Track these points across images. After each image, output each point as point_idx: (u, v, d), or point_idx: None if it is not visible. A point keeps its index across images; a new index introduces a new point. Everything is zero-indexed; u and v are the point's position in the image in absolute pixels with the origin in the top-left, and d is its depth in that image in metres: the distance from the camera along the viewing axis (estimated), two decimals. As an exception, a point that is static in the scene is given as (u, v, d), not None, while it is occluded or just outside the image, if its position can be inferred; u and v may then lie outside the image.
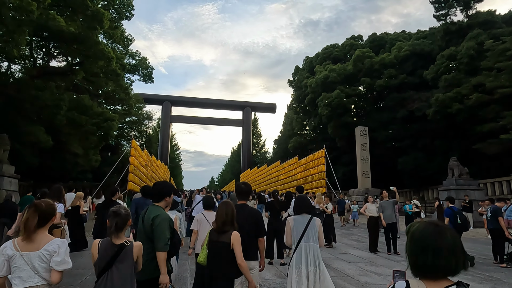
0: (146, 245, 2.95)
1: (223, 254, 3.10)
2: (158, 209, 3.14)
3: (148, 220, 3.02)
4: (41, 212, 2.44)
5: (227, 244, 3.09)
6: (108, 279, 2.53)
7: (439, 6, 27.31)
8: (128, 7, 18.95)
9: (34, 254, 2.34)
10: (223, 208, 3.25)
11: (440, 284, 1.37)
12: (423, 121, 25.87)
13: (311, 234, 3.77)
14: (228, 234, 3.14)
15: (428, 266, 1.38)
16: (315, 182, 25.55)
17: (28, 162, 17.58)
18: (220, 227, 3.19)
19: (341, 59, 36.32)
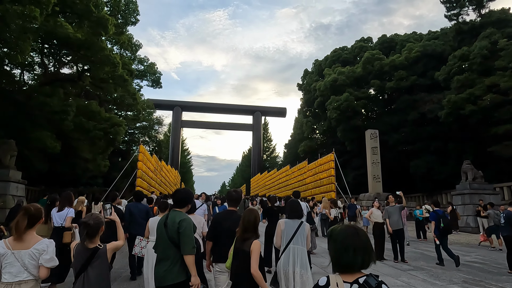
0: (168, 250, 3.05)
1: (245, 262, 3.11)
2: (182, 214, 3.22)
3: (174, 224, 3.08)
4: (30, 215, 2.73)
5: (247, 252, 3.10)
6: (85, 280, 2.73)
7: (451, 5, 26.71)
8: (133, 13, 19.12)
9: (24, 252, 2.63)
10: (245, 216, 3.30)
11: (355, 276, 1.67)
12: (435, 124, 25.22)
13: (300, 238, 3.97)
14: (249, 242, 3.15)
15: (349, 262, 1.66)
16: (324, 187, 25.15)
17: (37, 167, 17.82)
18: (242, 235, 3.23)
19: (350, 61, 35.87)
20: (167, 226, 3.13)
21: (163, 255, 3.12)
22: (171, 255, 3.06)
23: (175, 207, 3.31)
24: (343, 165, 28.03)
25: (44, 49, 19.97)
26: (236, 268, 3.16)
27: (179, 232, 3.05)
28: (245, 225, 3.24)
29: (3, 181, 12.43)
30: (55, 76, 21.12)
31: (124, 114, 31.04)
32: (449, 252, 8.20)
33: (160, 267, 3.09)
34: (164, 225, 3.16)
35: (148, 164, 24.79)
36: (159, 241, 3.22)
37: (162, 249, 3.15)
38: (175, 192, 3.53)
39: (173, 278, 3.02)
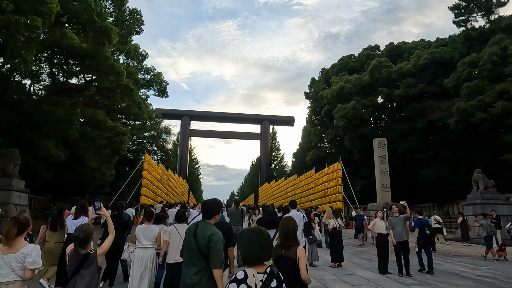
0: (196, 260, 3.06)
1: (289, 269, 3.17)
2: (212, 227, 3.23)
3: (204, 237, 3.09)
4: (20, 224, 3.09)
5: (293, 259, 3.22)
6: (77, 281, 3.15)
7: (459, 12, 26.40)
8: (137, 22, 19.33)
9: (11, 256, 2.96)
10: (285, 224, 3.41)
11: (262, 267, 2.18)
12: (444, 132, 24.67)
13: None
14: (293, 249, 3.28)
15: (255, 256, 2.20)
16: (331, 196, 24.76)
17: (42, 176, 17.94)
18: (283, 242, 3.35)
19: (357, 69, 35.63)
20: (197, 237, 3.14)
21: (191, 264, 3.13)
22: (200, 265, 3.08)
23: (203, 218, 3.35)
24: (351, 174, 27.58)
25: (53, 60, 20.33)
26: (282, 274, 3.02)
27: (209, 246, 3.06)
28: (285, 233, 3.35)
29: (6, 190, 12.47)
30: (63, 86, 21.44)
31: (132, 123, 31.29)
32: (430, 260, 8.62)
33: (188, 277, 3.09)
34: (194, 236, 3.16)
35: (153, 173, 24.79)
36: (187, 249, 3.23)
37: (190, 259, 3.16)
38: (204, 203, 3.62)
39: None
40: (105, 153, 19.00)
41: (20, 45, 10.60)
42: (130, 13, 19.10)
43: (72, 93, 20.61)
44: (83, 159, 21.01)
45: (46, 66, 21.82)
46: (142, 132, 32.66)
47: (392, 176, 24.54)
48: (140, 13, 19.49)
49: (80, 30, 15.14)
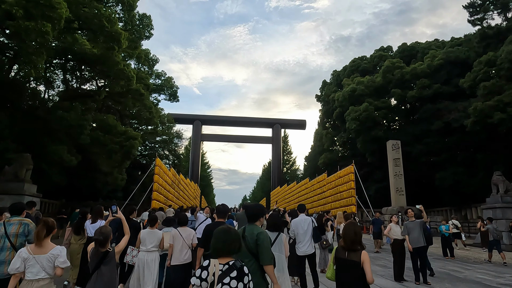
0: (248, 261, 3.27)
1: (352, 272, 3.33)
2: (258, 228, 3.52)
3: (253, 236, 3.36)
4: (48, 226, 3.55)
5: (357, 262, 3.31)
6: (98, 275, 3.55)
7: (474, 10, 25.71)
8: (147, 27, 19.46)
9: (42, 257, 3.41)
10: (351, 228, 3.52)
11: (225, 259, 2.50)
12: (461, 133, 23.95)
13: (277, 246, 4.76)
14: (358, 253, 3.37)
15: (219, 249, 2.54)
16: (344, 200, 24.26)
17: (55, 181, 18.11)
18: (349, 246, 3.43)
19: (369, 71, 35.08)
20: (246, 238, 3.38)
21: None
22: (250, 265, 3.23)
23: (249, 222, 3.61)
24: (364, 178, 27.03)
25: (67, 66, 20.63)
26: (345, 277, 3.42)
27: (258, 244, 3.31)
28: (352, 237, 3.44)
29: (18, 195, 12.57)
30: (76, 92, 21.71)
31: (144, 128, 31.52)
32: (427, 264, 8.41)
33: None
34: (242, 237, 3.37)
35: (165, 177, 24.78)
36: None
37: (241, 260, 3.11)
38: (247, 208, 3.85)
39: (258, 285, 3.23)
40: (116, 157, 19.09)
41: (31, 50, 10.70)
42: (140, 18, 19.23)
43: (85, 98, 20.86)
44: (96, 164, 21.18)
45: (60, 72, 22.19)
46: (154, 137, 32.84)
47: (406, 180, 23.94)
48: (149, 18, 19.62)
49: (91, 35, 15.27)
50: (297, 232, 6.56)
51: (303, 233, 6.51)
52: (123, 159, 19.80)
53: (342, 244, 3.53)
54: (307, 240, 6.49)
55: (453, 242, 14.35)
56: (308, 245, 6.48)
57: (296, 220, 6.75)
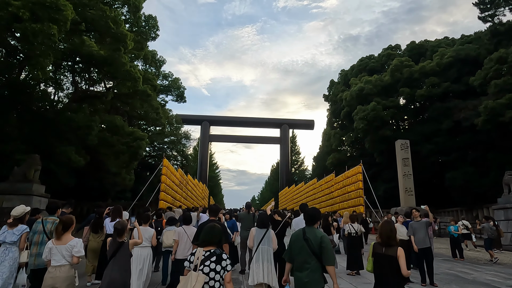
0: (310, 260, 3.63)
1: (390, 265, 3.70)
2: (319, 231, 3.84)
3: (316, 239, 3.66)
4: (64, 223, 4.30)
5: (393, 257, 3.68)
6: (114, 262, 4.30)
7: (485, 7, 25.22)
8: (153, 28, 19.59)
9: (62, 247, 4.15)
10: (387, 226, 3.92)
11: (208, 248, 3.24)
12: (471, 132, 23.50)
13: (266, 241, 5.57)
14: (394, 248, 3.73)
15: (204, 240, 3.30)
16: (352, 200, 24.02)
17: (64, 182, 18.34)
18: (386, 241, 3.81)
19: (377, 70, 34.70)
20: (308, 240, 3.68)
21: (304, 264, 3.65)
22: (312, 264, 3.60)
23: (307, 224, 3.90)
24: (373, 178, 26.73)
25: (75, 68, 20.91)
26: (383, 270, 3.78)
27: (322, 247, 3.60)
28: (388, 234, 3.82)
29: (27, 195, 12.75)
30: (84, 94, 21.99)
31: (152, 129, 31.75)
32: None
33: (303, 274, 3.63)
34: (305, 239, 3.71)
35: (172, 178, 24.89)
36: (299, 252, 3.75)
37: (303, 259, 3.67)
38: (305, 211, 4.18)
39: (316, 284, 3.58)
40: (124, 158, 19.26)
41: (38, 52, 10.86)
42: (146, 19, 19.39)
43: (93, 100, 21.11)
44: (104, 165, 21.40)
45: (69, 74, 22.51)
46: (162, 138, 33.05)
47: (416, 179, 23.58)
48: (155, 19, 19.76)
49: (98, 37, 15.44)
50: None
51: None
52: (131, 159, 19.96)
53: (379, 241, 3.94)
54: None
55: (463, 243, 14.08)
56: None
57: (297, 219, 6.71)
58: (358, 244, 9.05)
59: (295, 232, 3.96)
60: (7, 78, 15.91)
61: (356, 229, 8.86)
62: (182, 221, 6.33)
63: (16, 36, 13.06)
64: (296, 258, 3.77)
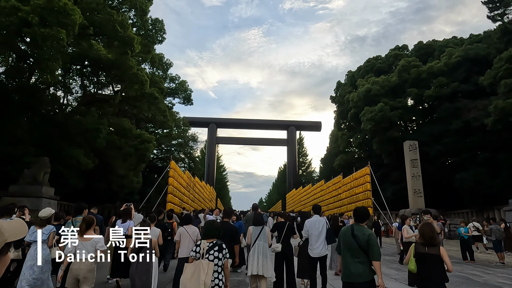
0: (359, 255, 3.92)
1: (433, 264, 4.08)
2: (366, 229, 4.08)
3: (364, 236, 3.92)
4: (86, 222, 4.92)
5: (437, 255, 4.09)
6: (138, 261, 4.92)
7: (494, 6, 24.89)
8: (160, 31, 19.78)
9: (87, 243, 4.74)
10: (429, 227, 4.35)
11: (211, 240, 3.98)
12: (481, 132, 23.16)
13: (262, 237, 6.11)
14: (437, 247, 4.13)
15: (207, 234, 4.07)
16: (360, 202, 23.83)
17: (72, 184, 18.55)
18: (428, 242, 4.20)
19: (384, 71, 34.43)
20: (356, 237, 3.95)
21: (355, 258, 3.93)
22: (361, 259, 3.88)
23: (356, 222, 4.19)
24: (381, 179, 26.48)
25: (84, 72, 21.20)
26: (423, 269, 4.14)
27: (369, 244, 3.88)
28: (430, 235, 4.21)
29: (36, 197, 12.95)
30: (93, 97, 22.25)
31: (160, 131, 31.96)
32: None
33: (354, 267, 3.91)
34: (353, 236, 3.98)
35: (179, 180, 24.99)
36: (347, 247, 4.06)
37: (353, 254, 3.96)
38: (356, 210, 4.44)
39: (365, 277, 3.85)
40: (131, 160, 19.42)
41: (47, 56, 11.03)
42: (152, 22, 19.56)
43: (101, 103, 21.36)
44: (112, 167, 21.60)
45: (78, 78, 22.82)
46: (169, 140, 33.25)
47: (425, 181, 23.33)
48: (162, 23, 19.93)
49: (105, 41, 15.62)
50: (311, 233, 6.47)
51: (317, 234, 6.44)
52: (138, 162, 20.11)
53: (421, 241, 4.29)
54: (321, 242, 6.43)
55: (474, 245, 13.85)
56: (322, 246, 6.42)
57: (310, 220, 6.65)
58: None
59: (344, 229, 4.28)
60: (17, 82, 16.19)
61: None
62: (182, 222, 6.67)
63: (25, 41, 13.32)
64: (345, 252, 4.09)
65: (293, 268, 6.55)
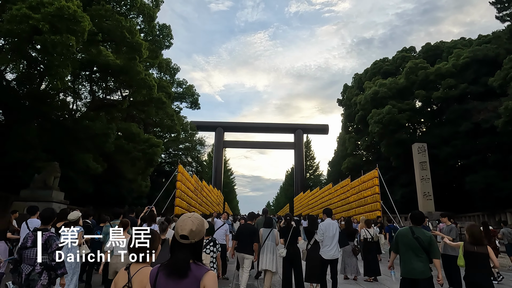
0: (421, 254, 4.37)
1: (481, 261, 4.63)
2: (425, 231, 4.58)
3: (426, 237, 4.40)
4: (123, 224, 5.87)
5: (485, 254, 4.62)
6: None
7: (502, 6, 24.65)
8: (167, 37, 20.03)
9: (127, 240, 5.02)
10: (477, 229, 4.96)
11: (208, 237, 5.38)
12: (492, 134, 22.84)
13: (271, 237, 6.78)
14: (485, 246, 4.69)
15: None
16: (369, 205, 23.63)
17: (82, 188, 18.76)
18: (477, 241, 4.74)
19: (392, 73, 34.25)
20: (418, 238, 4.40)
21: (416, 257, 4.37)
22: (423, 257, 4.36)
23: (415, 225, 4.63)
24: (390, 182, 26.25)
25: (93, 77, 21.50)
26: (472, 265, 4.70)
27: (431, 244, 4.38)
28: (479, 235, 4.81)
29: (47, 202, 13.08)
30: (102, 102, 22.55)
31: (167, 136, 32.19)
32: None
33: (416, 264, 4.34)
34: (415, 237, 4.41)
35: (187, 184, 25.09)
36: (410, 247, 4.45)
37: (414, 253, 4.39)
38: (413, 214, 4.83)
39: (427, 274, 4.33)
40: (140, 164, 19.59)
41: (57, 63, 11.22)
42: (160, 28, 19.81)
43: (110, 108, 21.62)
44: (121, 171, 21.81)
45: (87, 84, 23.16)
46: (177, 144, 33.47)
47: (434, 183, 23.05)
48: (169, 28, 20.16)
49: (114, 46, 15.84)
50: (326, 235, 6.60)
51: (331, 236, 6.61)
52: (147, 166, 20.27)
53: (470, 240, 4.82)
54: (334, 244, 6.59)
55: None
56: (335, 249, 6.58)
57: (324, 223, 6.80)
58: (375, 249, 8.88)
59: (402, 231, 4.67)
60: (28, 88, 16.48)
61: (372, 234, 8.71)
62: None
63: (36, 48, 13.58)
64: (405, 252, 4.50)
65: (301, 270, 6.57)
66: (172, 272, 1.97)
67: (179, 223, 2.20)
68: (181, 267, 1.96)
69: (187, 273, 1.95)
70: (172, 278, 1.96)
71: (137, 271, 2.62)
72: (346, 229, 8.93)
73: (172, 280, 1.95)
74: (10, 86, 16.23)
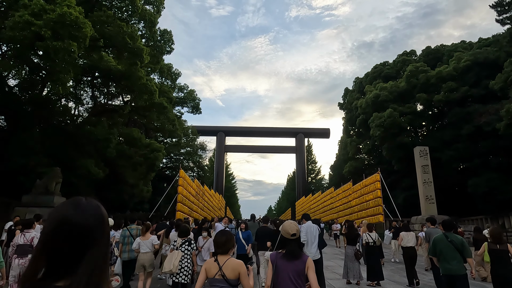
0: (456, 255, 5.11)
1: (504, 256, 5.55)
2: (455, 235, 5.34)
3: (458, 240, 5.18)
4: (146, 226, 6.95)
5: (506, 251, 5.58)
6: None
7: (502, 9, 24.66)
8: (168, 42, 20.15)
9: (147, 241, 6.75)
10: (498, 229, 6.07)
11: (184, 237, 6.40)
12: (494, 137, 22.76)
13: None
14: (505, 244, 5.64)
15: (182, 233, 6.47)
16: (371, 209, 23.57)
17: (83, 193, 18.78)
18: (498, 240, 5.70)
19: (392, 76, 34.28)
20: (453, 242, 5.16)
21: (453, 258, 5.10)
22: (458, 258, 5.08)
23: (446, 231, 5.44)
24: (391, 186, 26.16)
25: (94, 83, 21.62)
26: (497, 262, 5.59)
27: (463, 246, 5.13)
28: (500, 236, 5.79)
29: (48, 207, 13.09)
30: (103, 108, 22.65)
31: (169, 140, 32.25)
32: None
33: (453, 265, 5.06)
34: (449, 241, 5.18)
35: (189, 189, 25.07)
36: (446, 250, 5.18)
37: (451, 255, 5.12)
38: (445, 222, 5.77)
39: (463, 271, 5.06)
40: (141, 169, 19.60)
41: (59, 69, 11.29)
42: (161, 33, 19.94)
43: (112, 113, 21.72)
44: (122, 176, 21.84)
45: (89, 89, 23.29)
46: (178, 149, 33.51)
47: (437, 187, 22.91)
48: (170, 33, 20.29)
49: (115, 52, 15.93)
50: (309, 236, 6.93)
51: (312, 238, 6.96)
52: (148, 171, 20.28)
53: (492, 240, 5.77)
54: (315, 246, 6.88)
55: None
56: (316, 250, 6.85)
57: (306, 225, 7.34)
58: (377, 253, 8.83)
59: (439, 237, 5.39)
60: (30, 94, 16.57)
61: (374, 238, 8.66)
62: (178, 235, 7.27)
63: (38, 54, 13.70)
64: (442, 254, 5.20)
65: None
66: (291, 256, 3.11)
67: (287, 227, 3.28)
68: (297, 253, 3.13)
69: (301, 256, 3.12)
70: (289, 260, 3.09)
71: (225, 262, 3.21)
72: (348, 233, 8.89)
73: (288, 261, 3.09)
74: (12, 92, 16.34)
